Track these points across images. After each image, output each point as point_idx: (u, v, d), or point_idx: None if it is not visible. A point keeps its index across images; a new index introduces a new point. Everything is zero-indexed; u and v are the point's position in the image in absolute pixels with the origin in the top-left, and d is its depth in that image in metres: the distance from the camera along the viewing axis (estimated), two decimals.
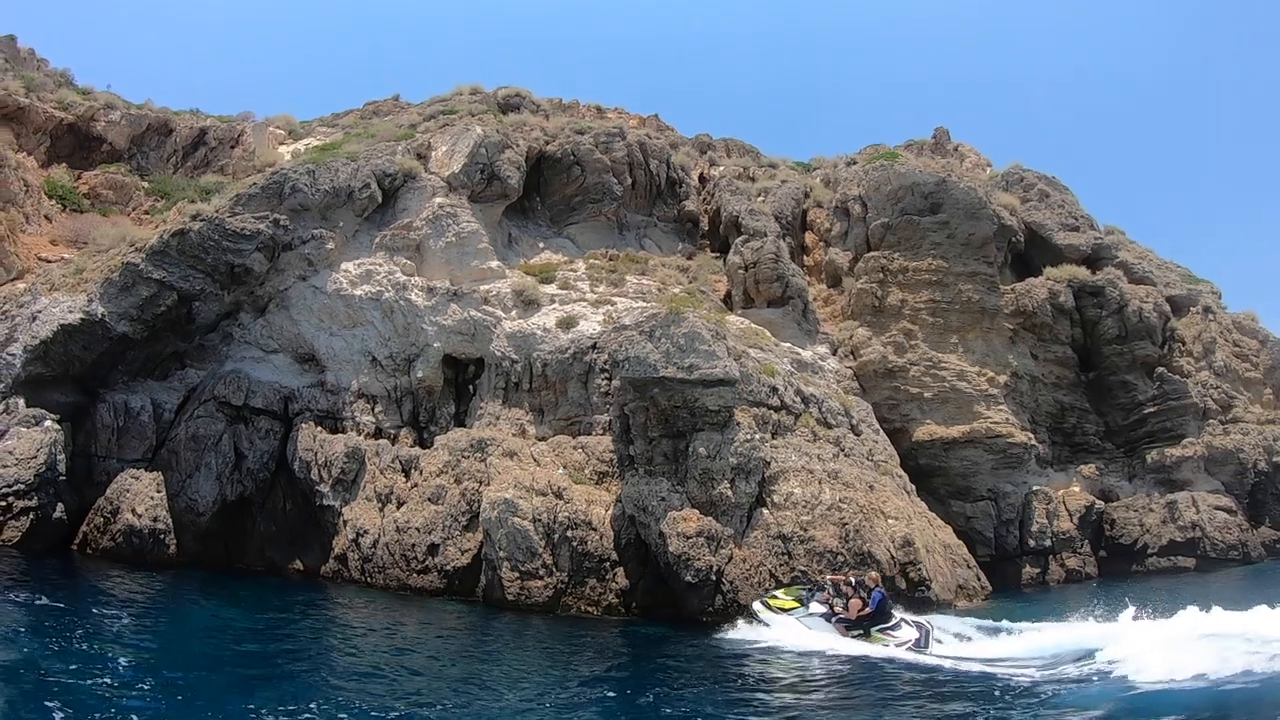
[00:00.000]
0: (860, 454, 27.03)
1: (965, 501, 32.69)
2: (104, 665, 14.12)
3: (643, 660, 18.50)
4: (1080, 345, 35.97)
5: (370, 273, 31.12)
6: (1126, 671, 14.92)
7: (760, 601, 20.85)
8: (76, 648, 15.13)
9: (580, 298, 31.55)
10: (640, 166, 38.38)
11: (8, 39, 45.49)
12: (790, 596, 20.52)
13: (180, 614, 20.31)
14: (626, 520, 24.64)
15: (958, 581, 26.18)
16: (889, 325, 33.18)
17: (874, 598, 19.47)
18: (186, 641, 17.31)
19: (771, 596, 20.84)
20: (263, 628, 19.60)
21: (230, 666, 15.56)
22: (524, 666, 16.97)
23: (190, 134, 45.59)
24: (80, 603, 19.42)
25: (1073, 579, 32.01)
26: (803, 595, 20.47)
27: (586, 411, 28.66)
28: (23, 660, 14.07)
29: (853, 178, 38.13)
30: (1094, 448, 35.70)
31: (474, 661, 17.37)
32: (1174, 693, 13.59)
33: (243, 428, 29.66)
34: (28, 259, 32.21)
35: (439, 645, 18.92)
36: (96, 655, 14.77)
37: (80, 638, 15.94)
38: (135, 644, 16.19)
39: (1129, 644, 16.31)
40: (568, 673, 16.50)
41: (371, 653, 17.37)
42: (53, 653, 14.60)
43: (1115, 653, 16.11)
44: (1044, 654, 17.77)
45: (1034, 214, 39.48)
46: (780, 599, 20.53)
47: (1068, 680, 15.47)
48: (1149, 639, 16.42)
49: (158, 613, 20.05)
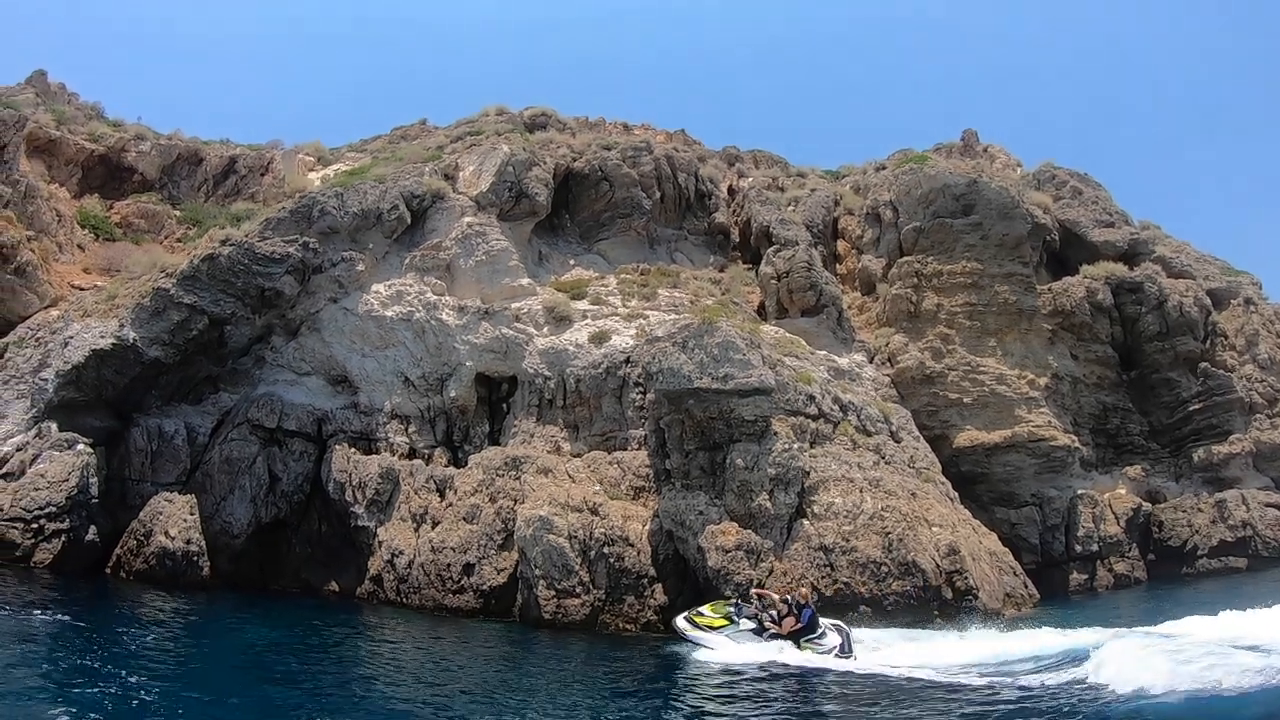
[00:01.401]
0: (901, 461, 26.54)
1: (1009, 508, 32.03)
2: (124, 683, 13.97)
3: (684, 679, 18.09)
4: (1121, 343, 35.17)
5: (401, 293, 31.11)
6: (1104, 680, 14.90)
7: (684, 619, 20.10)
8: (93, 665, 15.06)
9: (612, 312, 31.33)
10: (668, 180, 38.17)
11: (38, 74, 46.15)
12: (718, 614, 19.88)
13: (211, 634, 20.27)
14: (664, 535, 24.30)
15: (1005, 590, 25.55)
16: (925, 330, 32.66)
17: (805, 615, 19.38)
18: (215, 661, 17.22)
19: (697, 614, 20.08)
20: (296, 649, 19.44)
21: (259, 685, 15.42)
22: (562, 686, 16.62)
23: (220, 162, 46.00)
24: (109, 622, 19.40)
25: (1121, 584, 31.22)
26: (730, 611, 19.86)
27: (621, 426, 28.38)
28: (43, 676, 14.00)
29: (883, 183, 37.68)
30: (1139, 448, 34.86)
31: (512, 683, 17.05)
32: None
33: (276, 450, 29.68)
34: (61, 287, 32.50)
35: (476, 666, 18.67)
36: (112, 673, 14.61)
37: (103, 656, 15.85)
38: (158, 664, 16.05)
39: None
40: (607, 693, 16.14)
41: (407, 674, 17.12)
42: (74, 671, 14.54)
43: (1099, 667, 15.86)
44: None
45: (1068, 212, 38.74)
46: (708, 616, 19.88)
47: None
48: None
49: (186, 633, 19.96)
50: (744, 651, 18.83)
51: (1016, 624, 21.89)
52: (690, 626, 19.85)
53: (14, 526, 24.65)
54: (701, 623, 19.80)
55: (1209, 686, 13.59)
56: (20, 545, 24.46)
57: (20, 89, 43.40)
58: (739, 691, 16.35)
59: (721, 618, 19.75)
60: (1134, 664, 15.01)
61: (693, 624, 19.87)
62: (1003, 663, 17.68)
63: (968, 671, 16.86)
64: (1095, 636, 18.65)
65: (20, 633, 17.20)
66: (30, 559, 24.41)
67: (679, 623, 20.15)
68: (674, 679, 17.46)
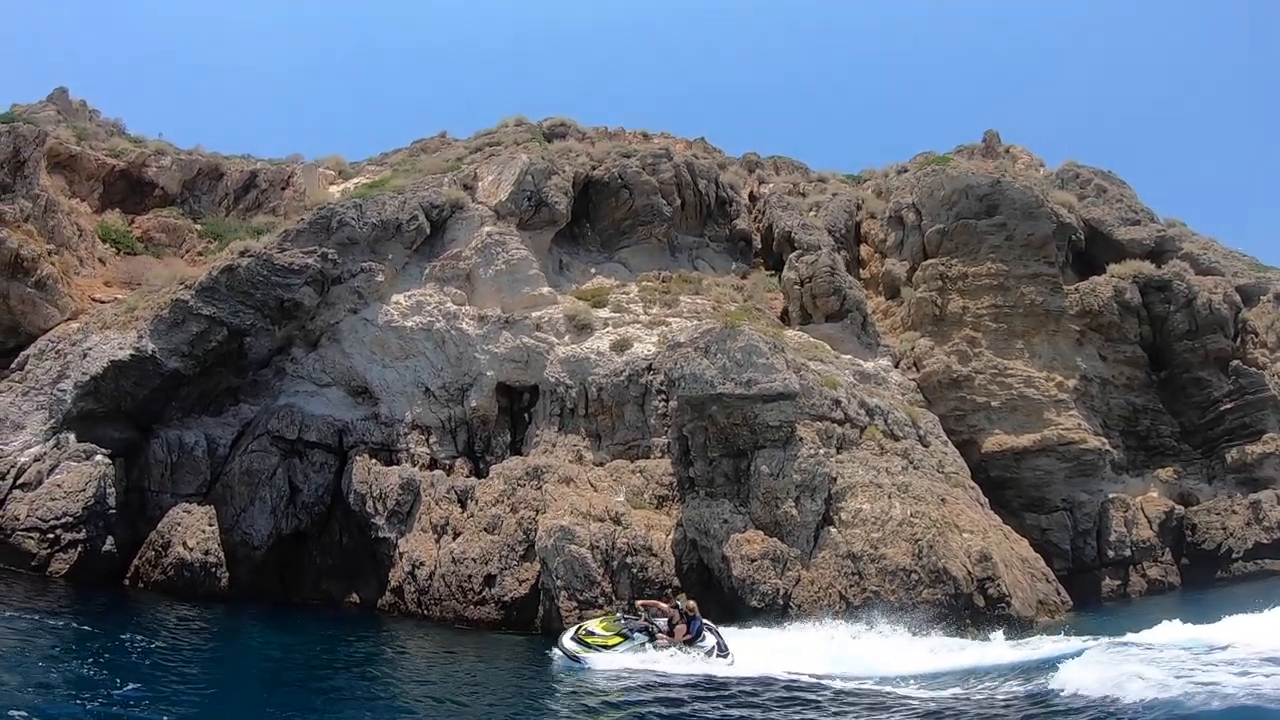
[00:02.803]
0: (930, 466, 26.07)
1: (1039, 513, 31.48)
2: (117, 691, 13.70)
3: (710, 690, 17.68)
4: (1150, 343, 34.62)
5: (421, 304, 31.00)
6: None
7: (572, 639, 18.83)
8: (88, 673, 14.84)
9: (634, 320, 31.10)
10: (689, 187, 37.91)
11: (59, 91, 46.52)
12: (610, 631, 18.99)
13: (222, 645, 20.05)
14: (688, 544, 23.97)
15: (1038, 597, 25.03)
16: (951, 334, 32.23)
17: (694, 625, 19.24)
18: (218, 671, 17.01)
19: (587, 634, 18.97)
20: (314, 661, 19.16)
21: (267, 694, 15.23)
22: (584, 699, 16.25)
23: (241, 177, 46.10)
24: (117, 630, 19.00)
25: (1155, 590, 30.58)
26: (621, 628, 19.06)
27: (644, 434, 28.10)
28: (38, 684, 13.83)
29: (905, 185, 37.34)
30: (1170, 450, 34.16)
31: (535, 697, 16.71)
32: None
33: (297, 461, 29.56)
34: (82, 300, 32.59)
35: (498, 679, 18.32)
36: (107, 681, 14.35)
37: (101, 664, 15.63)
38: (158, 673, 15.76)
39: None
40: (635, 707, 15.76)
41: (427, 687, 16.79)
42: (69, 679, 14.33)
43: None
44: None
45: (1092, 210, 38.19)
46: (599, 635, 18.87)
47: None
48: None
49: (195, 643, 19.69)
50: (633, 660, 18.33)
51: (1052, 631, 21.39)
52: (581, 648, 18.62)
53: (30, 536, 24.73)
54: (594, 642, 18.76)
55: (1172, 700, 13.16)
56: (36, 555, 24.54)
57: (41, 106, 43.76)
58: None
59: (615, 635, 18.88)
60: (1097, 677, 14.67)
61: (583, 644, 18.71)
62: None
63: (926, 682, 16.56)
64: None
65: (26, 639, 17.07)
66: (46, 569, 24.47)
67: (567, 644, 18.77)
68: (695, 692, 17.06)
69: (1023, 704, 14.54)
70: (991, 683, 16.17)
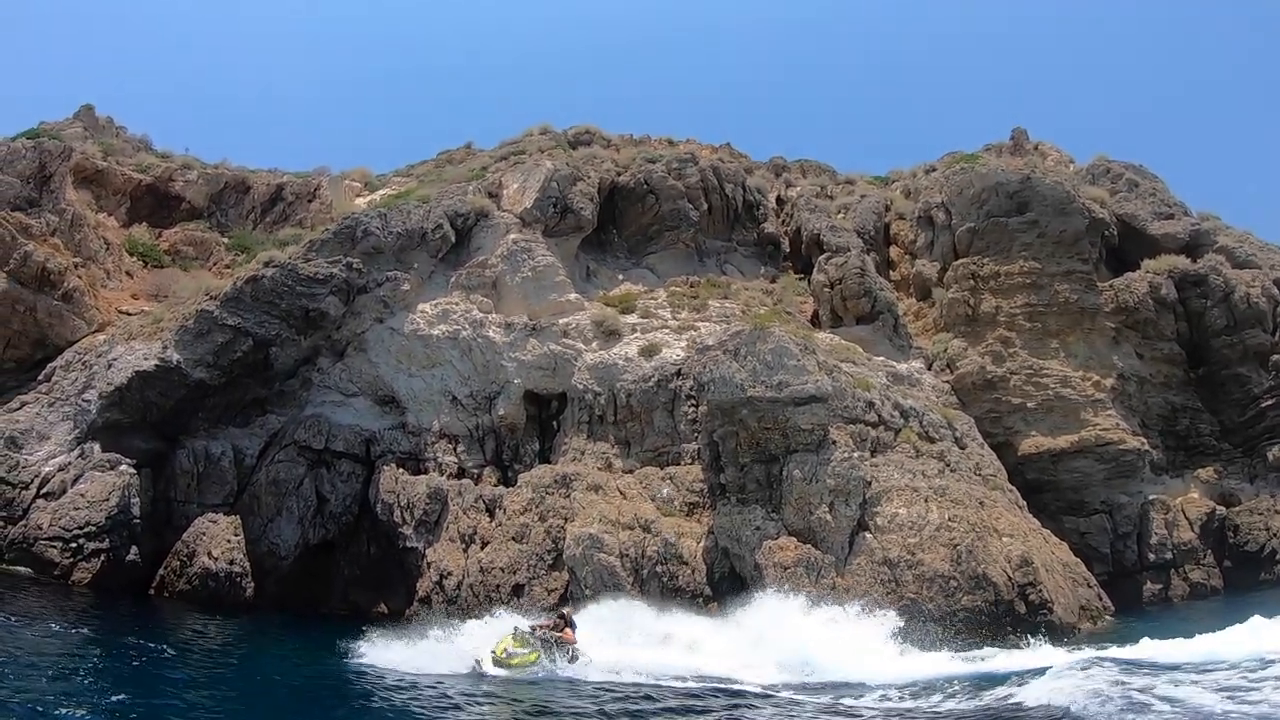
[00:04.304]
0: (967, 469, 25.51)
1: (1078, 516, 30.68)
2: (109, 698, 13.58)
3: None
4: (1187, 340, 33.78)
5: (447, 312, 30.85)
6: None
7: (494, 663, 18.34)
8: (84, 681, 14.70)
9: (662, 325, 30.80)
10: (715, 191, 37.57)
11: (86, 109, 46.86)
12: (526, 650, 18.62)
13: (244, 655, 19.88)
14: (719, 552, 23.63)
15: (1079, 602, 24.39)
16: (984, 334, 31.60)
17: (573, 625, 19.49)
18: (238, 681, 16.80)
19: (508, 656, 18.47)
20: (336, 670, 18.89)
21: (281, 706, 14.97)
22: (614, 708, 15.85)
23: (267, 190, 46.25)
24: (135, 639, 18.94)
25: (1197, 594, 29.69)
26: (533, 644, 18.73)
27: (674, 441, 27.75)
28: (38, 690, 13.65)
29: (934, 185, 36.81)
30: (1210, 449, 33.22)
31: (564, 710, 16.33)
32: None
33: (324, 471, 29.48)
34: (109, 313, 32.80)
35: (526, 690, 17.94)
36: (113, 688, 14.23)
37: (111, 671, 15.60)
38: (159, 683, 15.62)
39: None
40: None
41: (456, 700, 16.45)
42: (76, 683, 14.29)
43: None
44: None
45: (1125, 205, 37.38)
46: (520, 655, 18.48)
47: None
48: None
49: (209, 653, 19.51)
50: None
51: (1096, 639, 20.78)
52: (504, 668, 18.34)
53: (53, 545, 24.97)
54: (517, 662, 18.43)
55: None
56: (59, 564, 24.73)
57: (68, 123, 44.09)
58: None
59: (532, 652, 18.58)
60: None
61: (504, 665, 18.40)
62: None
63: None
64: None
65: (36, 646, 17.05)
66: (69, 577, 24.62)
67: (486, 666, 18.44)
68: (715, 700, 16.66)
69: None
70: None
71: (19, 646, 16.68)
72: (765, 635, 19.64)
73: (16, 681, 13.89)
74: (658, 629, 20.78)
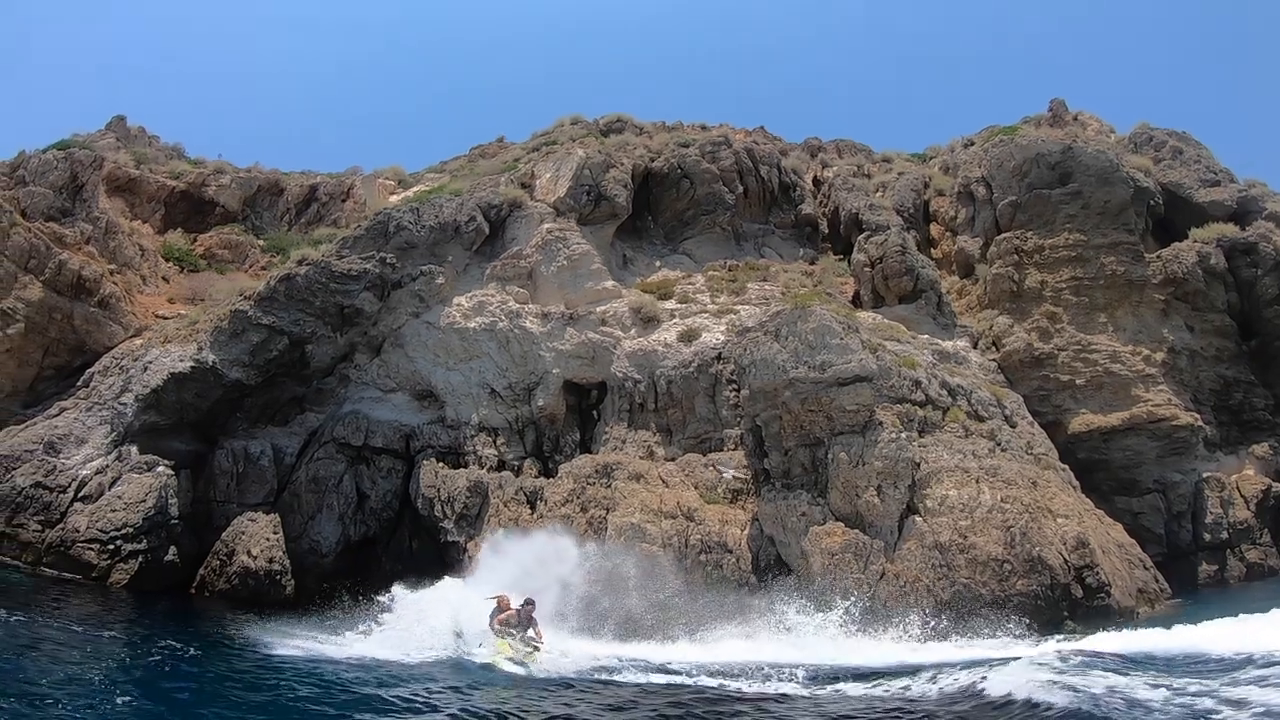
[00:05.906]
0: (1018, 448, 24.75)
1: (1130, 496, 29.80)
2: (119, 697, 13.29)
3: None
4: (1238, 311, 32.72)
5: (483, 304, 30.62)
6: None
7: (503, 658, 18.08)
8: (86, 676, 14.45)
9: (701, 309, 30.34)
10: (750, 173, 36.99)
11: (117, 119, 47.31)
12: (502, 643, 18.34)
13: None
14: (764, 539, 23.18)
15: (1137, 585, 23.59)
16: (1030, 310, 30.77)
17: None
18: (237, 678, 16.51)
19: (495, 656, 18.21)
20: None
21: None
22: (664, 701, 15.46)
23: (301, 191, 46.47)
24: (191, 642, 18.65)
25: (1255, 574, 28.55)
26: (509, 642, 18.38)
27: (716, 427, 27.29)
28: (58, 685, 13.51)
29: (973, 159, 35.90)
30: (1265, 424, 32.04)
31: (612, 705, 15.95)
32: None
33: (364, 468, 29.40)
34: (146, 317, 32.98)
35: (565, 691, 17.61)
36: (130, 686, 14.02)
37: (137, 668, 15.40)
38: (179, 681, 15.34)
39: None
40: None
41: (498, 696, 16.12)
42: (86, 680, 14.05)
43: None
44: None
45: (1169, 173, 36.33)
46: (518, 647, 18.24)
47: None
48: None
49: (241, 649, 19.10)
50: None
51: (1156, 622, 19.97)
52: (509, 662, 18.03)
53: (90, 547, 25.10)
54: (518, 654, 18.21)
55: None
56: (97, 566, 24.85)
57: (100, 134, 44.53)
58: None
59: (508, 646, 18.25)
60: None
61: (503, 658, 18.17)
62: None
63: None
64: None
65: (75, 646, 16.86)
66: (107, 579, 24.74)
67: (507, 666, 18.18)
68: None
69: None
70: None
71: (35, 644, 16.57)
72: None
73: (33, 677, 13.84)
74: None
